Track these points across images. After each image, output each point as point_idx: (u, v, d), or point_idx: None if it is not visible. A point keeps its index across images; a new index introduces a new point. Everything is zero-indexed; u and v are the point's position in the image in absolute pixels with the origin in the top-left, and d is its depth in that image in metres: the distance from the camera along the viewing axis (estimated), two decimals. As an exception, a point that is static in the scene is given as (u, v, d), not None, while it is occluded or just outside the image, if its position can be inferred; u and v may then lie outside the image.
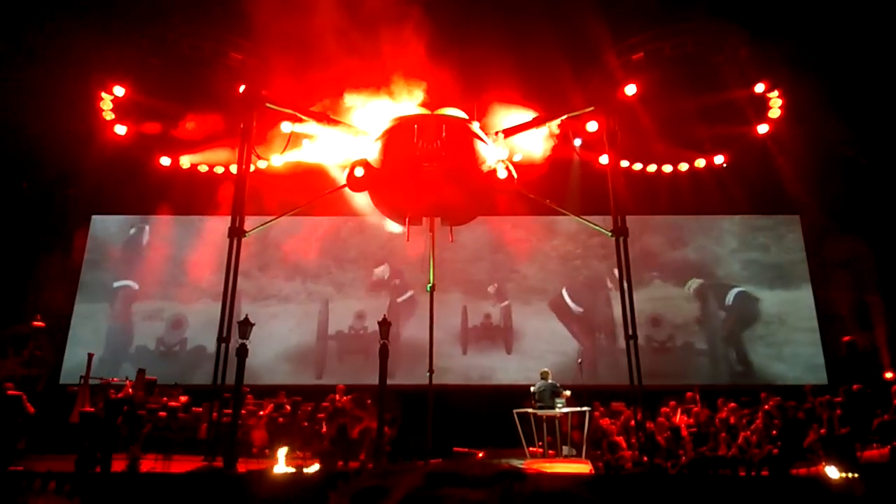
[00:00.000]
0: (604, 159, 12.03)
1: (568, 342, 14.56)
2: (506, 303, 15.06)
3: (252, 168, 12.41)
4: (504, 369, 14.29)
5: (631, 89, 12.32)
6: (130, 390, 10.86)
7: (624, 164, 13.30)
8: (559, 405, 10.73)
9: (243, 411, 10.53)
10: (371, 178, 10.44)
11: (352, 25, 11.41)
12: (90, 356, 11.79)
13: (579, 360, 12.99)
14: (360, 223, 15.10)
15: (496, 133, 11.31)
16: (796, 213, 14.98)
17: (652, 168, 14.76)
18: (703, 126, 13.84)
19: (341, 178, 11.03)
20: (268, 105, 11.17)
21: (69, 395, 11.45)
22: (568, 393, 10.88)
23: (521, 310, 15.00)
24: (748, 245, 15.15)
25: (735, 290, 14.76)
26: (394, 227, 11.94)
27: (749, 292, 14.72)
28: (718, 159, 14.59)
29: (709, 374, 14.03)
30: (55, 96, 12.22)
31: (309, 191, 12.40)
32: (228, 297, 9.76)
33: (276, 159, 13.88)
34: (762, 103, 13.58)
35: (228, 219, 10.40)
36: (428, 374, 9.99)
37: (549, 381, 11.09)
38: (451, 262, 14.70)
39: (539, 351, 14.35)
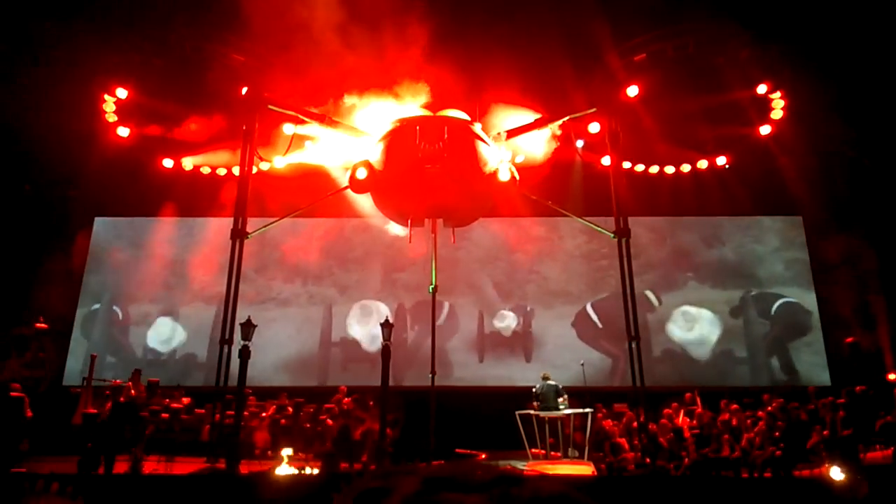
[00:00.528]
0: (606, 160, 12.02)
1: (593, 349, 14.24)
2: (527, 308, 14.68)
3: (254, 170, 12.44)
4: (524, 379, 12.95)
5: (633, 90, 12.31)
6: (133, 392, 10.89)
7: (626, 165, 13.28)
8: (562, 406, 10.75)
9: (246, 413, 10.53)
10: (373, 180, 10.44)
11: (353, 26, 11.42)
12: (93, 357, 11.82)
13: (581, 363, 12.97)
14: (363, 225, 15.11)
15: (498, 134, 11.32)
16: (799, 215, 14.97)
17: (654, 169, 14.74)
18: (706, 127, 13.83)
19: (343, 179, 11.03)
20: (270, 107, 11.18)
21: (72, 396, 11.47)
22: (565, 395, 10.88)
23: (543, 314, 14.53)
24: (748, 246, 15.11)
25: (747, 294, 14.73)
26: (397, 229, 11.96)
27: (790, 300, 14.66)
28: (721, 160, 14.57)
29: (730, 377, 13.90)
30: (58, 98, 12.25)
31: (311, 192, 12.40)
32: (231, 299, 9.76)
33: (279, 161, 13.92)
34: (764, 104, 13.57)
35: (231, 220, 10.41)
36: (430, 375, 9.99)
37: (552, 382, 11.10)
38: (466, 262, 14.58)
39: (563, 360, 13.60)
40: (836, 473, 8.38)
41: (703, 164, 14.68)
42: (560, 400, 10.84)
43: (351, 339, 14.62)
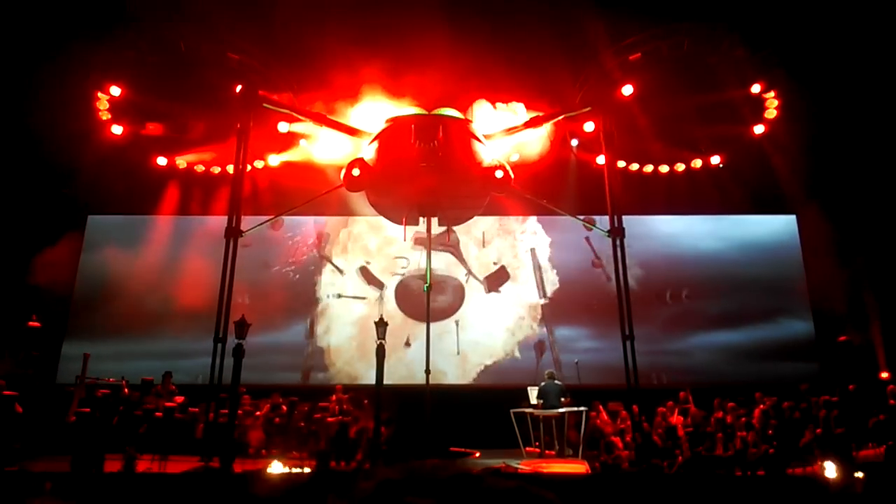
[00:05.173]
0: (601, 159, 12.04)
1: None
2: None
3: (249, 168, 12.42)
4: (518, 378, 13.22)
5: (628, 90, 12.33)
6: (126, 391, 10.87)
7: (621, 164, 13.31)
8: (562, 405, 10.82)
9: (240, 411, 10.51)
10: (368, 178, 10.44)
11: (349, 25, 11.42)
12: (86, 356, 11.79)
13: (576, 361, 13.00)
14: (358, 223, 15.12)
15: (493, 133, 11.33)
16: (792, 213, 15.02)
17: (649, 168, 14.78)
18: (700, 126, 13.86)
19: (338, 177, 11.03)
20: (265, 105, 11.16)
21: (66, 394, 11.44)
22: (569, 396, 10.97)
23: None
24: (742, 244, 15.13)
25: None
26: (393, 226, 11.95)
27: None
28: (715, 159, 14.61)
29: (723, 375, 13.85)
30: (51, 96, 12.19)
31: (306, 190, 12.39)
32: (225, 297, 9.74)
33: (273, 159, 13.92)
34: (758, 104, 13.61)
35: (225, 218, 10.38)
36: (425, 373, 10.00)
37: (556, 381, 11.15)
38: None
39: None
40: (830, 471, 8.41)
41: (697, 163, 14.71)
42: (563, 400, 10.89)
43: (347, 337, 14.61)
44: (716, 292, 14.75)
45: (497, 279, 14.99)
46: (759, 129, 13.85)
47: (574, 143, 13.75)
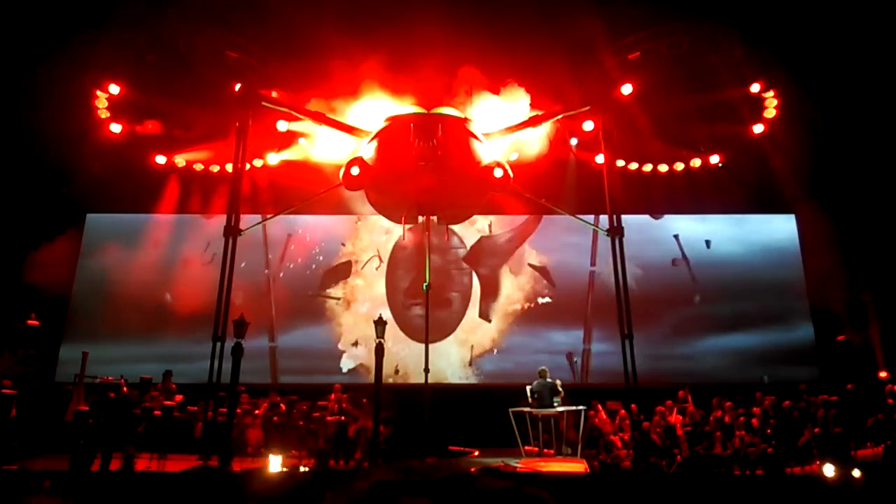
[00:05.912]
0: (600, 158, 12.04)
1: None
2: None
3: (248, 166, 12.40)
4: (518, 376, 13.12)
5: (627, 89, 12.32)
6: (125, 389, 10.87)
7: (620, 163, 13.29)
8: (556, 403, 10.81)
9: (238, 410, 10.50)
10: (367, 177, 10.43)
11: (348, 24, 11.42)
12: (85, 354, 11.78)
13: (575, 359, 13.01)
14: (357, 221, 15.10)
15: (492, 132, 11.31)
16: (791, 212, 15.02)
17: (648, 167, 14.77)
18: (699, 125, 13.85)
19: (337, 176, 11.01)
20: (263, 103, 11.14)
21: (65, 393, 11.43)
22: (562, 392, 10.96)
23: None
24: (741, 243, 15.14)
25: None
26: (391, 225, 11.94)
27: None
28: (714, 158, 14.61)
29: (722, 375, 13.87)
30: (50, 94, 12.18)
31: (305, 189, 12.39)
32: (224, 296, 9.73)
33: (272, 157, 13.91)
34: (758, 103, 13.61)
35: (224, 217, 10.38)
36: (424, 372, 10.00)
37: (548, 379, 11.14)
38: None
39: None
40: (828, 470, 8.42)
41: (696, 162, 14.70)
42: (556, 399, 10.88)
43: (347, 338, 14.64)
44: (714, 292, 14.74)
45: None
46: (758, 128, 13.85)
47: (573, 142, 13.75)
